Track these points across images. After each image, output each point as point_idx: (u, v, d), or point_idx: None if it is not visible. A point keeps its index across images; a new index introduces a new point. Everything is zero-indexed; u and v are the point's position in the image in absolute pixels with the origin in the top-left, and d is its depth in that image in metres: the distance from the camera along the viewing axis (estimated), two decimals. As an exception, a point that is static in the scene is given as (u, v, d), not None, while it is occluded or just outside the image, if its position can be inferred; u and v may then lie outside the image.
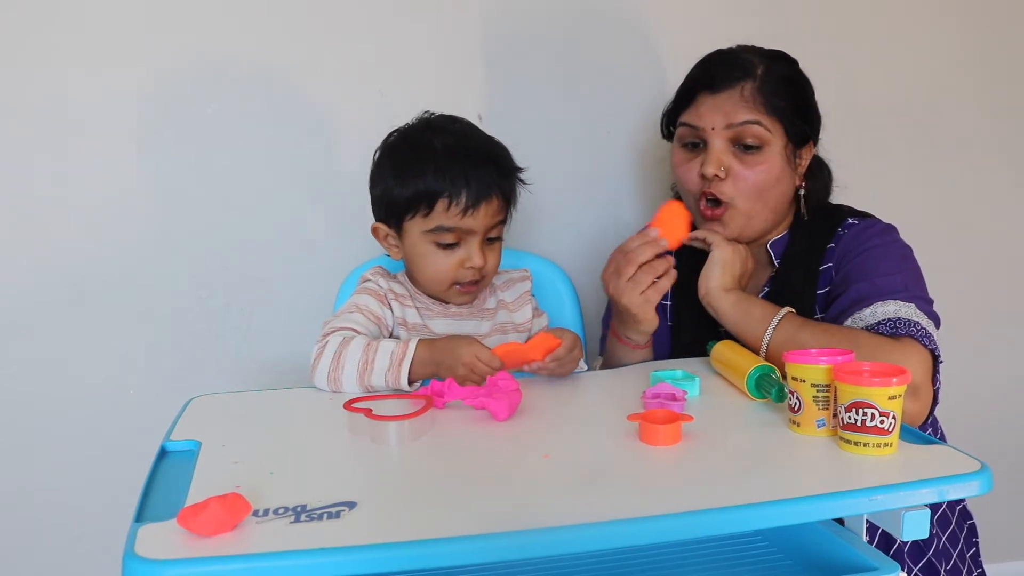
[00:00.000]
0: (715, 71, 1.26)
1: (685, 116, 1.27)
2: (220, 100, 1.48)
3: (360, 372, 1.08)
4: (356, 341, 1.10)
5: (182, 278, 1.51)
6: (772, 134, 1.22)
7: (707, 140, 1.24)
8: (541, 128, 1.60)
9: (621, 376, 1.17)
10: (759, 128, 1.21)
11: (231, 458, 0.85)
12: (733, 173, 1.23)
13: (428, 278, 1.20)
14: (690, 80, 1.29)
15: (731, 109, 1.22)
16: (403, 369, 1.07)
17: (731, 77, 1.23)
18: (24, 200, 1.44)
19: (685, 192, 1.30)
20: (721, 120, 1.22)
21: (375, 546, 0.65)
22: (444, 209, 1.14)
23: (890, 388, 0.83)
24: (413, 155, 1.17)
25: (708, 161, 1.23)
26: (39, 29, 1.40)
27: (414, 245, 1.18)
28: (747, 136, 1.22)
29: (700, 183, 1.25)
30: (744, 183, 1.23)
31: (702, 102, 1.25)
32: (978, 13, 1.77)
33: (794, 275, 1.27)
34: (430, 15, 1.54)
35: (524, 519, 0.70)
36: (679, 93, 1.31)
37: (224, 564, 0.64)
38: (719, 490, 0.76)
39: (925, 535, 0.78)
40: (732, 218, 1.25)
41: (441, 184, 1.13)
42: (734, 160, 1.23)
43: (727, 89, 1.23)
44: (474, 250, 1.16)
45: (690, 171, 1.26)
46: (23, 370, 1.47)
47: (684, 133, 1.28)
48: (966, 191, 1.82)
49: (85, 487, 1.51)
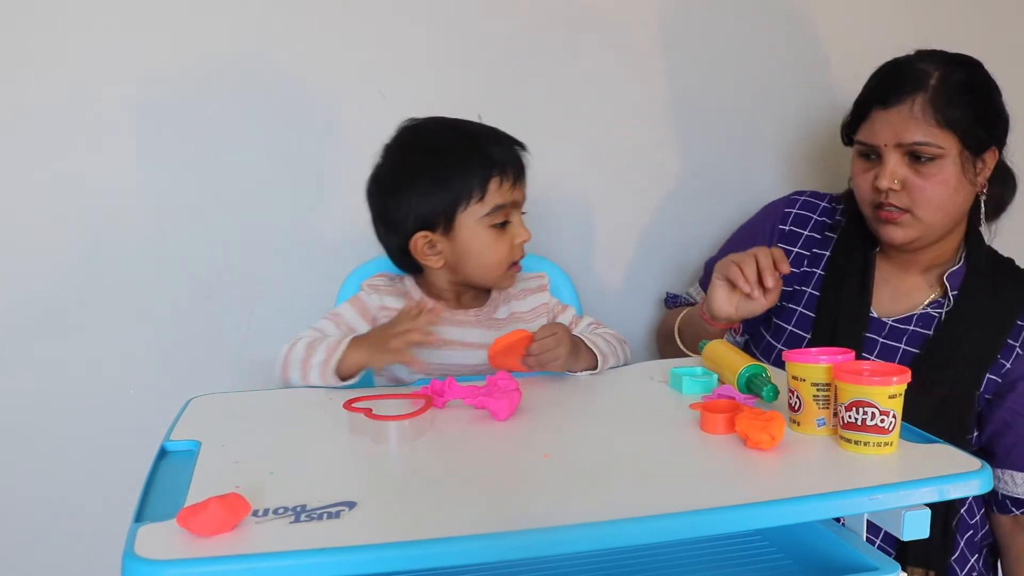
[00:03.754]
0: (887, 85, 1.26)
1: (860, 134, 1.29)
2: (220, 100, 1.48)
3: (301, 371, 1.11)
4: (302, 341, 1.14)
5: (182, 278, 1.51)
6: (945, 148, 1.22)
7: (881, 155, 1.25)
8: (541, 128, 1.60)
9: (620, 375, 1.17)
10: (930, 147, 1.22)
11: (231, 458, 0.85)
12: (908, 184, 1.24)
13: (489, 266, 1.21)
14: (864, 92, 1.31)
15: (902, 127, 1.22)
16: (331, 360, 1.09)
17: (902, 91, 1.23)
18: (24, 200, 1.44)
19: (862, 202, 1.31)
20: (892, 137, 1.23)
21: (375, 546, 0.65)
22: (497, 187, 1.17)
23: (890, 387, 0.83)
24: (447, 153, 1.18)
25: (882, 175, 1.24)
26: (40, 30, 1.40)
27: (471, 237, 1.18)
28: (919, 152, 1.22)
29: (874, 194, 1.27)
30: (921, 194, 1.23)
31: (875, 118, 1.26)
32: None
33: (973, 326, 1.27)
34: (430, 15, 1.54)
35: (524, 519, 0.70)
36: (855, 106, 1.32)
37: (224, 564, 0.64)
38: (719, 490, 0.76)
39: (925, 535, 0.78)
40: (910, 224, 1.26)
41: (488, 165, 1.16)
42: (909, 172, 1.24)
43: (898, 104, 1.23)
44: (520, 225, 1.21)
45: (865, 181, 1.28)
46: (23, 370, 1.47)
47: (861, 148, 1.30)
48: None
49: (85, 487, 1.51)
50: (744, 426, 0.85)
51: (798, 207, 1.44)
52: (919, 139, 1.21)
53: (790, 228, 1.42)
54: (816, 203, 1.44)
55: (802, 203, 1.44)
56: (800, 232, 1.41)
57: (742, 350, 1.16)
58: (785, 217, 1.43)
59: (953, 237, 1.32)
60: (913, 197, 1.24)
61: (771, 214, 1.46)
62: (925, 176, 1.23)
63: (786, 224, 1.43)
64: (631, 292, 1.71)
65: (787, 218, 1.43)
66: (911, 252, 1.32)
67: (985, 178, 1.28)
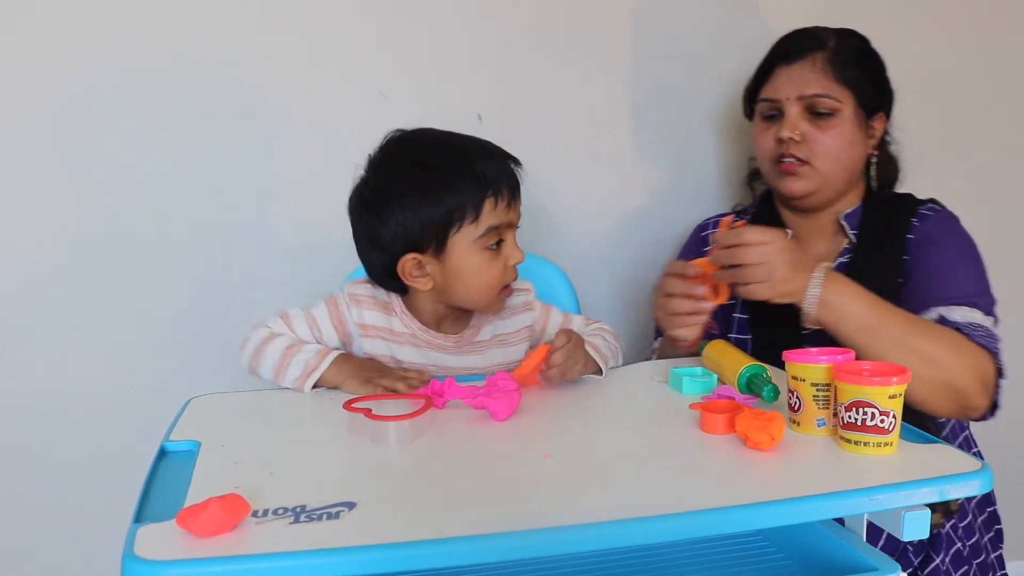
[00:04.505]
0: (789, 44, 1.35)
1: (763, 91, 1.36)
2: (220, 100, 1.48)
3: (275, 371, 1.12)
4: (279, 341, 1.14)
5: (182, 278, 1.51)
6: (843, 103, 1.29)
7: (783, 110, 1.32)
8: (540, 128, 1.60)
9: (620, 375, 1.17)
10: (830, 100, 1.29)
11: (231, 458, 0.85)
12: (808, 136, 1.30)
13: (479, 289, 1.14)
14: (768, 54, 1.38)
15: (803, 80, 1.30)
16: (308, 381, 1.10)
17: (804, 48, 1.32)
18: (24, 200, 1.44)
19: (762, 159, 1.37)
20: (794, 91, 1.31)
21: (375, 546, 0.65)
22: (492, 208, 1.10)
23: (890, 387, 0.82)
24: (436, 171, 1.11)
25: (784, 126, 1.31)
26: (40, 30, 1.40)
27: (463, 260, 1.12)
28: (819, 106, 1.30)
29: (776, 147, 1.33)
30: (820, 145, 1.30)
31: (778, 75, 1.34)
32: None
33: (876, 255, 1.30)
34: (430, 15, 1.54)
35: (524, 519, 0.70)
36: (758, 70, 1.39)
37: (224, 565, 0.64)
38: (719, 490, 0.76)
39: (926, 535, 0.78)
40: (809, 175, 1.31)
41: (483, 184, 1.10)
42: (809, 125, 1.30)
43: (800, 60, 1.32)
44: (513, 246, 1.15)
45: (767, 138, 1.35)
46: (23, 370, 1.47)
47: (763, 108, 1.37)
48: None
49: (85, 487, 1.51)
50: (744, 426, 0.85)
51: (711, 228, 1.49)
52: (819, 91, 1.29)
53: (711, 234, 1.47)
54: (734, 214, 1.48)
55: (713, 223, 1.49)
56: None
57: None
58: (703, 242, 1.47)
59: (852, 197, 1.37)
60: (812, 148, 1.30)
61: (691, 246, 1.52)
62: (823, 129, 1.30)
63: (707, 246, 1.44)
64: (630, 291, 1.71)
65: (705, 242, 1.46)
66: (814, 212, 1.36)
67: (876, 141, 1.36)
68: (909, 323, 1.13)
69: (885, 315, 1.11)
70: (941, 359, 1.11)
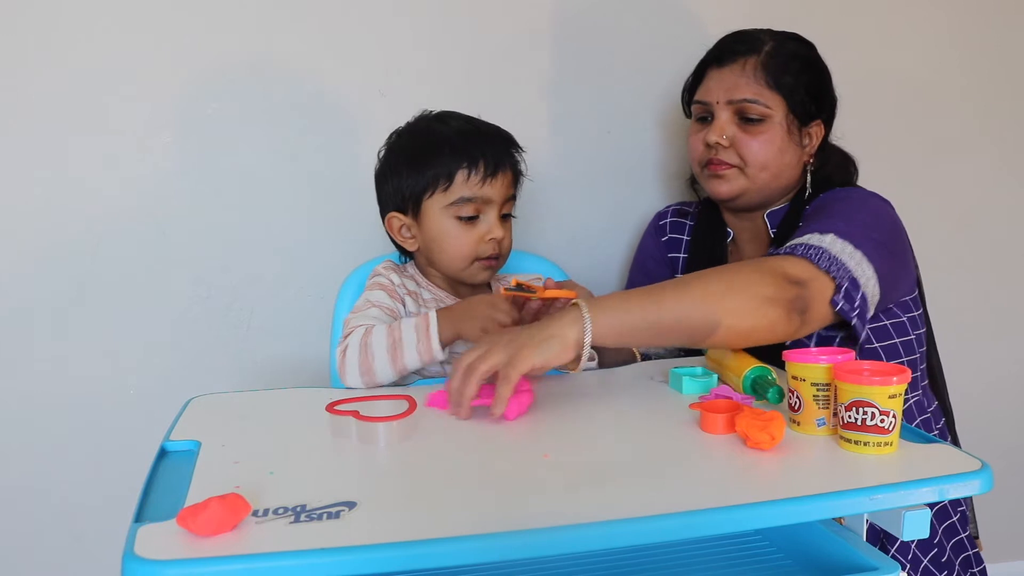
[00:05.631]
0: (723, 46, 1.33)
1: (697, 93, 1.35)
2: (220, 100, 1.48)
3: (391, 354, 1.11)
4: (377, 329, 1.13)
5: (182, 278, 1.51)
6: (772, 109, 1.27)
7: (714, 113, 1.31)
8: (540, 128, 1.60)
9: (620, 375, 1.17)
10: (758, 106, 1.27)
11: (231, 458, 0.85)
12: (736, 141, 1.29)
13: (451, 256, 1.22)
14: (704, 57, 1.36)
15: (733, 84, 1.29)
16: (432, 336, 1.11)
17: (736, 52, 1.30)
18: (24, 200, 1.44)
19: (692, 161, 1.37)
20: (724, 95, 1.29)
21: (375, 546, 0.65)
22: (464, 180, 1.18)
23: (890, 387, 0.82)
24: (426, 141, 1.21)
25: (712, 130, 1.30)
26: (39, 30, 1.40)
27: (434, 224, 1.21)
28: (748, 111, 1.28)
29: (705, 151, 1.32)
30: (747, 150, 1.28)
31: (710, 77, 1.33)
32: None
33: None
34: (430, 15, 1.54)
35: (524, 519, 0.70)
36: (694, 70, 1.38)
37: (224, 564, 0.63)
38: (719, 490, 0.76)
39: (925, 535, 0.78)
40: (735, 177, 1.30)
41: (459, 157, 1.18)
42: (737, 130, 1.29)
43: (730, 64, 1.30)
44: (493, 222, 1.21)
45: (698, 140, 1.34)
46: (23, 370, 1.47)
47: (696, 109, 1.36)
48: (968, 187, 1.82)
49: (85, 486, 1.51)
50: (744, 426, 0.85)
51: (670, 216, 1.50)
52: (748, 96, 1.27)
53: (669, 237, 1.49)
54: (686, 209, 1.50)
55: (672, 211, 1.51)
56: (680, 237, 1.48)
57: None
58: (661, 230, 1.50)
59: (784, 200, 1.35)
60: (740, 153, 1.29)
61: (651, 233, 1.52)
62: (752, 134, 1.28)
63: (664, 235, 1.49)
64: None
65: (663, 230, 1.49)
66: (748, 213, 1.36)
67: (812, 149, 1.33)
68: (678, 284, 1.04)
69: (655, 291, 1.02)
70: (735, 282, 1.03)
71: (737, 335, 1.02)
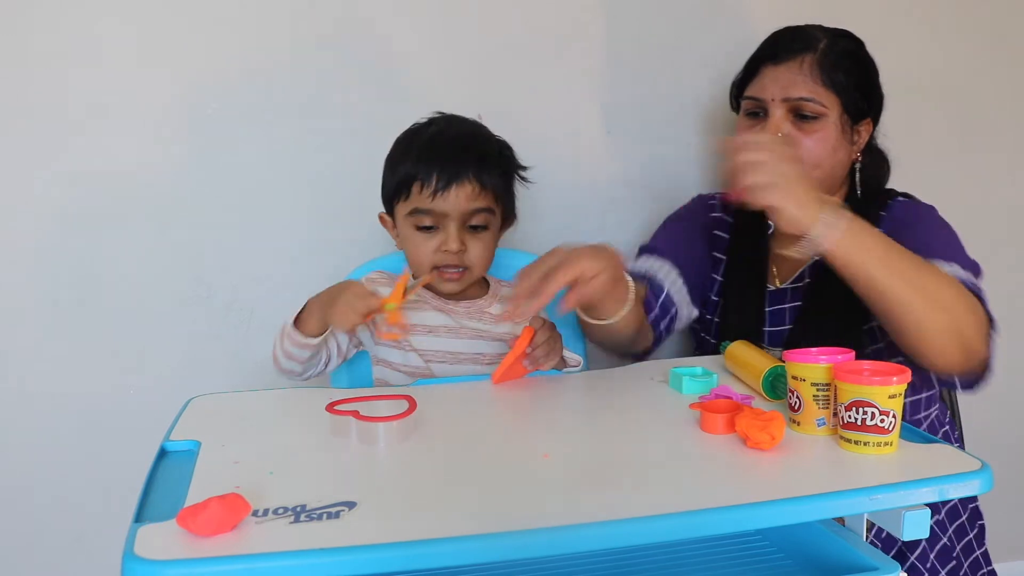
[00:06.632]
0: (779, 43, 1.32)
1: (749, 89, 1.33)
2: (220, 100, 1.48)
3: (279, 340, 1.18)
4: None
5: (182, 278, 1.51)
6: (828, 107, 1.27)
7: (767, 110, 1.30)
8: (540, 128, 1.60)
9: (620, 375, 1.17)
10: (814, 104, 1.26)
11: (231, 458, 0.85)
12: (791, 139, 1.27)
13: (414, 263, 1.25)
14: (757, 51, 1.35)
15: (789, 82, 1.27)
16: (289, 322, 1.17)
17: (792, 49, 1.29)
18: (24, 200, 1.44)
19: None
20: (780, 92, 1.28)
21: (375, 546, 0.65)
22: (419, 191, 1.19)
23: (890, 387, 0.83)
24: (406, 145, 1.24)
25: (768, 127, 1.28)
26: (40, 30, 1.40)
27: (401, 229, 1.25)
28: (804, 109, 1.27)
29: None
30: (802, 148, 1.26)
31: (765, 74, 1.31)
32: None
33: None
34: (430, 15, 1.54)
35: (524, 519, 0.70)
36: (746, 65, 1.36)
37: (224, 564, 0.64)
38: (719, 490, 0.76)
39: (926, 535, 0.78)
40: None
41: (416, 168, 1.20)
42: (792, 127, 1.28)
43: (787, 61, 1.28)
44: (450, 234, 1.20)
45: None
46: (23, 370, 1.47)
47: (748, 105, 1.34)
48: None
49: (85, 487, 1.51)
50: (744, 426, 0.85)
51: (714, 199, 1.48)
52: (804, 95, 1.26)
53: (718, 215, 1.45)
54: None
55: (718, 195, 1.48)
56: (724, 219, 1.45)
57: None
58: (712, 207, 1.46)
59: (833, 198, 1.33)
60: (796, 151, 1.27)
61: (701, 205, 1.48)
62: (807, 132, 1.27)
63: (714, 211, 1.46)
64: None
65: (712, 207, 1.46)
66: None
67: (860, 148, 1.33)
68: (921, 263, 1.09)
69: (901, 251, 1.07)
70: (946, 300, 1.07)
71: (917, 330, 1.06)
